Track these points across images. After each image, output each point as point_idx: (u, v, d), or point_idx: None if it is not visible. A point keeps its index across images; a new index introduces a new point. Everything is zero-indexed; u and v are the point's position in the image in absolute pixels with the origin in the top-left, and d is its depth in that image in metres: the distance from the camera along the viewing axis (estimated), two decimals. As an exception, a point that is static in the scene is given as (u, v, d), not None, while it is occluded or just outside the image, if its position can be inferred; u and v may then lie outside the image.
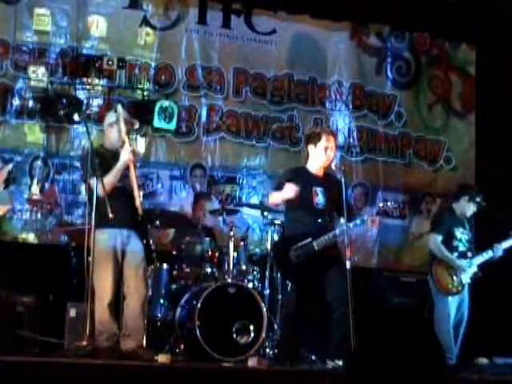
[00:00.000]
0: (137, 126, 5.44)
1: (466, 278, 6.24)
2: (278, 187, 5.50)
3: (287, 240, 5.46)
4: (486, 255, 6.28)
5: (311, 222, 5.40)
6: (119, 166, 5.09)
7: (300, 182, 5.43)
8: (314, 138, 5.51)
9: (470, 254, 6.27)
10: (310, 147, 5.52)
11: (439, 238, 6.30)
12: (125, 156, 5.09)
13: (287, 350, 5.44)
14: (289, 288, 5.55)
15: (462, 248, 6.31)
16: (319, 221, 5.40)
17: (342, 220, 5.33)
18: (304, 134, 7.44)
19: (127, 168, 5.11)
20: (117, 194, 5.06)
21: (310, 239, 5.31)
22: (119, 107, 5.32)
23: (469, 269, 6.24)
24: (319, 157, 5.47)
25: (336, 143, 5.66)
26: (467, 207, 6.39)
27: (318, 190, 5.44)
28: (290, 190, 5.31)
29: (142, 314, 5.18)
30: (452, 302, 6.22)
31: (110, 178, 5.03)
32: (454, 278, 6.21)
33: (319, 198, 5.43)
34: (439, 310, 6.22)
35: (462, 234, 6.33)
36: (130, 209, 5.10)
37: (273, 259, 5.82)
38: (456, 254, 6.28)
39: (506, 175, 7.90)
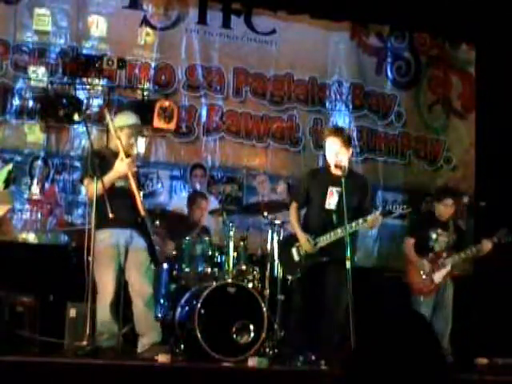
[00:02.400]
0: (146, 133, 5.43)
1: (437, 278, 6.29)
2: (297, 193, 5.74)
3: (292, 237, 5.52)
4: (462, 255, 6.32)
5: (320, 221, 5.44)
6: (113, 174, 5.06)
7: (317, 183, 5.55)
8: (322, 141, 5.63)
9: (444, 255, 6.33)
10: (323, 150, 5.62)
11: (411, 240, 6.49)
12: (119, 167, 5.06)
13: (289, 349, 5.46)
14: (288, 283, 5.59)
15: (437, 249, 6.40)
16: (327, 221, 5.41)
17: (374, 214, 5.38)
18: None
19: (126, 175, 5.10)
20: (118, 194, 5.05)
21: (313, 236, 5.36)
22: (107, 116, 5.30)
23: (440, 269, 6.30)
24: (328, 158, 5.51)
25: (343, 140, 5.49)
26: (442, 210, 6.47)
27: (334, 190, 5.43)
28: (302, 241, 5.43)
29: (150, 311, 5.21)
30: (426, 302, 6.27)
31: (105, 181, 4.98)
32: (424, 278, 6.28)
33: (333, 199, 5.43)
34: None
35: (439, 236, 6.42)
36: (132, 208, 5.10)
37: (277, 256, 5.88)
38: (431, 255, 6.36)
39: (505, 175, 7.90)
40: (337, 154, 5.42)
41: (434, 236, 6.43)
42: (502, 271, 7.43)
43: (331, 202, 5.45)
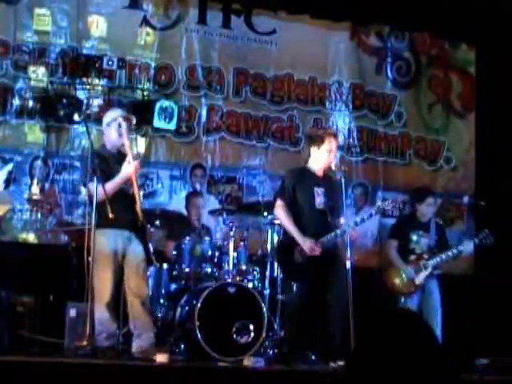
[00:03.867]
0: (134, 121, 5.45)
1: (419, 280, 6.30)
2: (283, 191, 5.54)
3: (291, 240, 5.47)
4: (444, 257, 6.34)
5: (313, 222, 5.43)
6: (120, 178, 5.11)
7: (302, 183, 5.51)
8: (316, 141, 5.54)
9: (426, 257, 6.35)
10: (313, 149, 5.55)
11: (393, 243, 6.52)
12: (127, 170, 5.11)
13: (292, 350, 5.44)
14: (294, 288, 5.52)
15: (418, 250, 6.43)
16: (321, 221, 5.42)
17: (343, 220, 5.36)
18: (306, 133, 7.45)
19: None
20: (118, 197, 5.07)
21: (313, 239, 5.34)
22: (124, 124, 5.28)
23: (422, 271, 6.31)
24: (321, 159, 5.50)
25: (338, 144, 5.69)
26: (425, 210, 6.50)
27: (320, 190, 5.47)
28: (307, 246, 5.32)
29: (147, 311, 5.21)
30: (406, 302, 6.29)
31: (110, 186, 5.03)
32: (405, 279, 6.30)
33: (321, 199, 5.46)
34: None
35: (420, 237, 6.46)
36: (131, 211, 5.11)
37: (277, 260, 5.84)
38: (413, 257, 6.39)
39: (505, 175, 7.90)
40: (332, 155, 5.47)
41: (415, 238, 6.47)
42: (502, 271, 7.44)
43: (319, 201, 5.46)
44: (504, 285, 7.35)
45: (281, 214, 5.53)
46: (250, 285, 5.85)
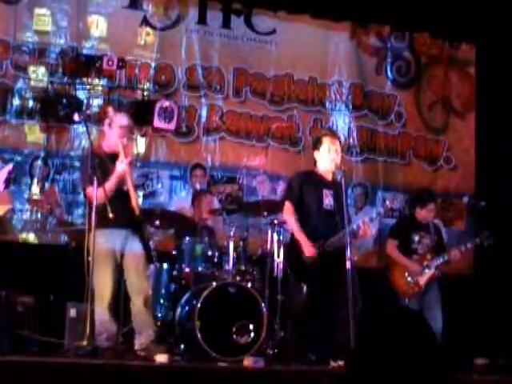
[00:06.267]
0: (135, 134, 5.51)
1: (422, 280, 6.32)
2: (290, 193, 5.59)
3: (298, 241, 5.48)
4: (445, 258, 6.36)
5: (321, 223, 5.44)
6: (115, 177, 5.15)
7: (310, 185, 5.56)
8: (316, 144, 5.66)
9: (428, 257, 6.37)
10: (316, 153, 5.64)
11: (394, 243, 6.54)
12: (119, 168, 5.15)
13: (294, 351, 5.44)
14: (304, 289, 5.50)
15: (420, 251, 6.45)
16: (329, 222, 5.43)
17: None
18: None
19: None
20: (114, 196, 5.09)
21: (321, 240, 5.35)
22: (117, 118, 5.32)
23: (425, 271, 6.33)
24: (324, 160, 5.54)
25: (341, 145, 5.73)
26: (425, 214, 6.51)
27: (328, 192, 5.50)
28: (308, 249, 5.35)
29: (148, 309, 5.24)
30: (411, 303, 6.30)
31: (109, 186, 5.07)
32: (410, 280, 6.32)
33: (329, 200, 5.49)
34: None
35: (421, 238, 6.47)
36: (128, 209, 5.14)
37: (286, 262, 5.85)
38: (415, 257, 6.40)
39: (505, 175, 7.90)
40: (334, 154, 5.49)
41: (416, 238, 6.48)
42: (502, 271, 7.44)
43: (327, 202, 5.48)
44: (503, 285, 7.35)
45: (289, 217, 5.56)
46: (250, 285, 5.85)
